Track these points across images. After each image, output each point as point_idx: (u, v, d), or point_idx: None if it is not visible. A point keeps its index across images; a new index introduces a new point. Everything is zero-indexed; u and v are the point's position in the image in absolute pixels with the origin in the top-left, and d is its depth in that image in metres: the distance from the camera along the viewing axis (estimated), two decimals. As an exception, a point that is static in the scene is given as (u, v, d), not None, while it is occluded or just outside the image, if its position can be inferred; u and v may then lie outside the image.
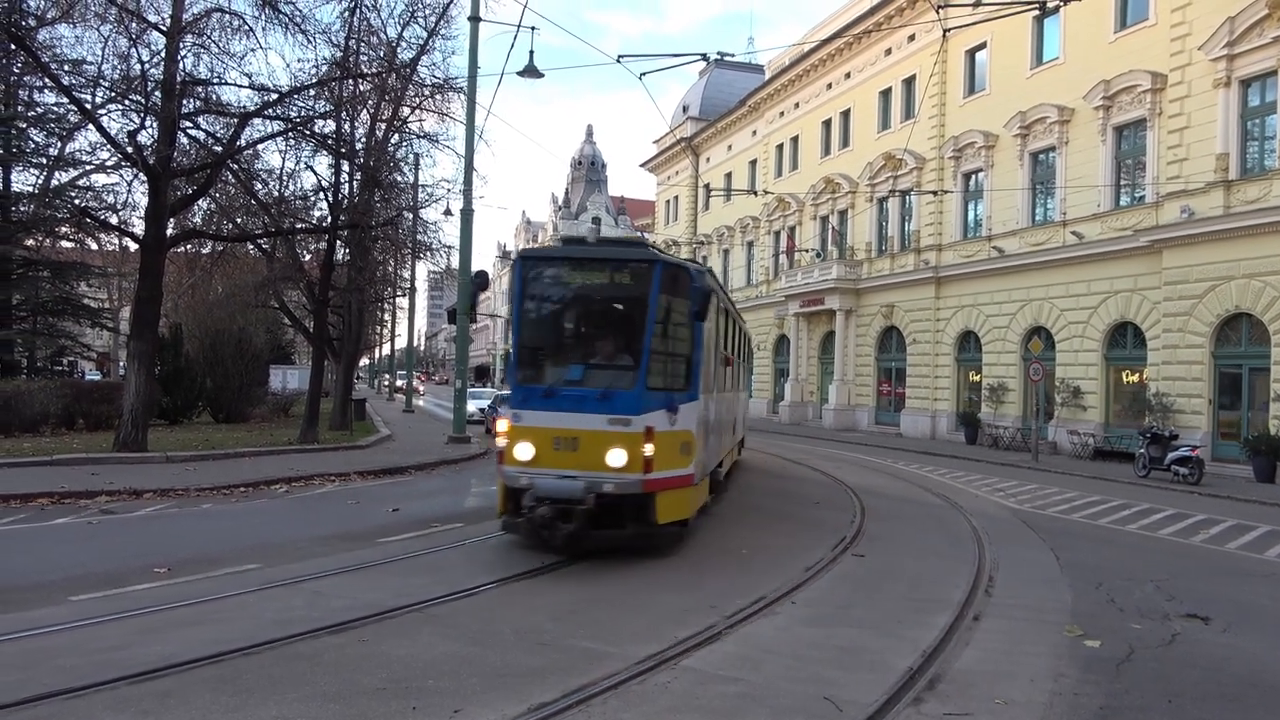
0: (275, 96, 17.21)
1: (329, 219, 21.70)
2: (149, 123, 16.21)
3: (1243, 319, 20.70)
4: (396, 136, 23.31)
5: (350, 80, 19.29)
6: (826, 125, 39.09)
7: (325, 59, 18.75)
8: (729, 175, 48.54)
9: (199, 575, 7.70)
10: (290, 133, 18.26)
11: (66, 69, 17.49)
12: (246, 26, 16.58)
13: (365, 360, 67.83)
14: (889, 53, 34.47)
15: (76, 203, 24.93)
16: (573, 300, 9.50)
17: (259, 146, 18.98)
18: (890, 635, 6.54)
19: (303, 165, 33.76)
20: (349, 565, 8.25)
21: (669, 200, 58.45)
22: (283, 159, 42.79)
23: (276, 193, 20.89)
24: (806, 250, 39.44)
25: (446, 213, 30.99)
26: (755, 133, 45.96)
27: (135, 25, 15.84)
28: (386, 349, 63.52)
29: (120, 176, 24.73)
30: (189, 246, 24.83)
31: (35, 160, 27.34)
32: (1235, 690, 5.75)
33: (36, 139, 27.27)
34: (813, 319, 39.18)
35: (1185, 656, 6.40)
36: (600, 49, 72.77)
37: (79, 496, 11.92)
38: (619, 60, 15.42)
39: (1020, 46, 27.68)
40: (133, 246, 23.22)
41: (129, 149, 16.14)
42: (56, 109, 24.68)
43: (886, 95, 34.76)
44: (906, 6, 32.02)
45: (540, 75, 17.50)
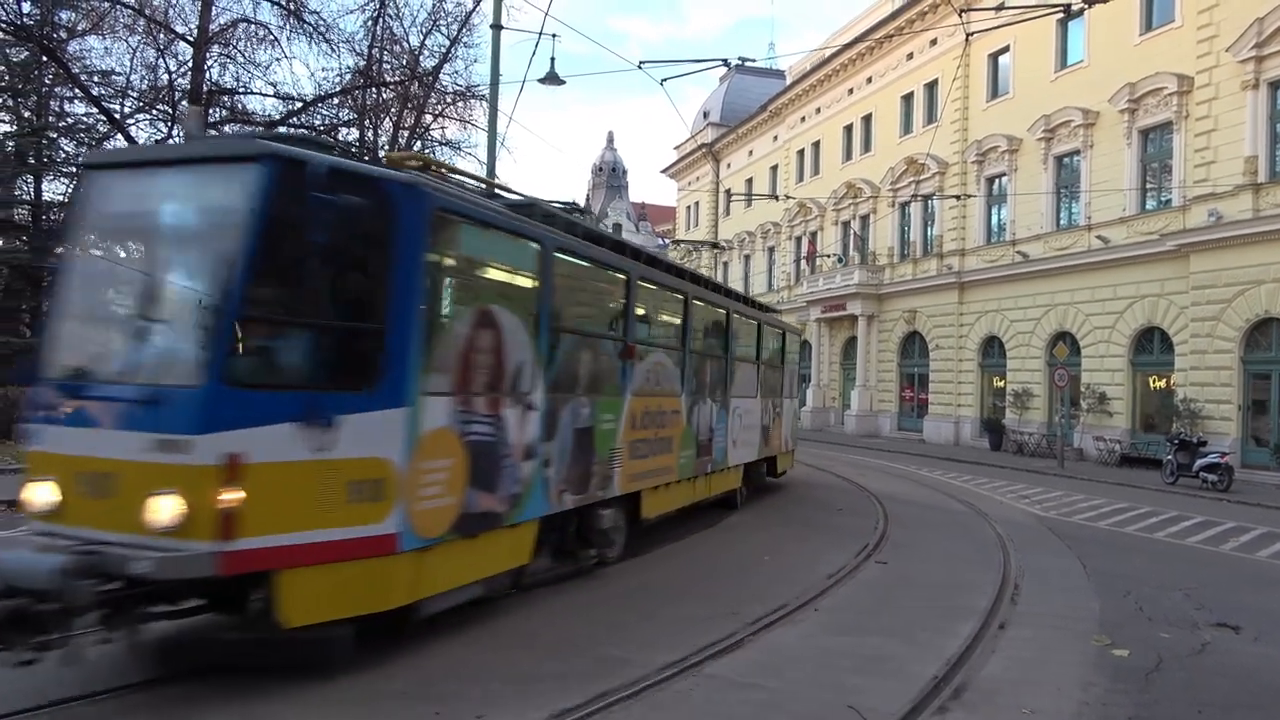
0: (300, 105, 17.41)
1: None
2: (176, 132, 16.43)
3: (1273, 324, 20.38)
4: (419, 144, 23.48)
5: (373, 89, 19.44)
6: (848, 130, 38.96)
7: (349, 68, 18.95)
8: (750, 180, 48.47)
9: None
10: (314, 140, 18.41)
11: (96, 80, 17.80)
12: (272, 36, 16.81)
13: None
14: (911, 57, 34.32)
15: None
16: (138, 234, 5.68)
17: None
18: (914, 643, 6.49)
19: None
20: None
21: (690, 206, 58.43)
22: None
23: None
24: (828, 255, 39.28)
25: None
26: (776, 138, 45.88)
27: (163, 36, 16.11)
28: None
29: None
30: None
31: (66, 169, 27.80)
32: (1267, 700, 5.67)
33: (67, 148, 27.69)
34: (834, 324, 39.00)
35: (1215, 666, 6.30)
36: (621, 55, 73.31)
37: None
38: (640, 66, 15.44)
39: (1044, 50, 27.46)
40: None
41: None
42: (86, 119, 25.05)
43: (908, 99, 34.60)
44: (929, 10, 31.87)
45: (561, 82, 17.52)
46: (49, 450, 5.02)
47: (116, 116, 16.63)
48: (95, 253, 5.80)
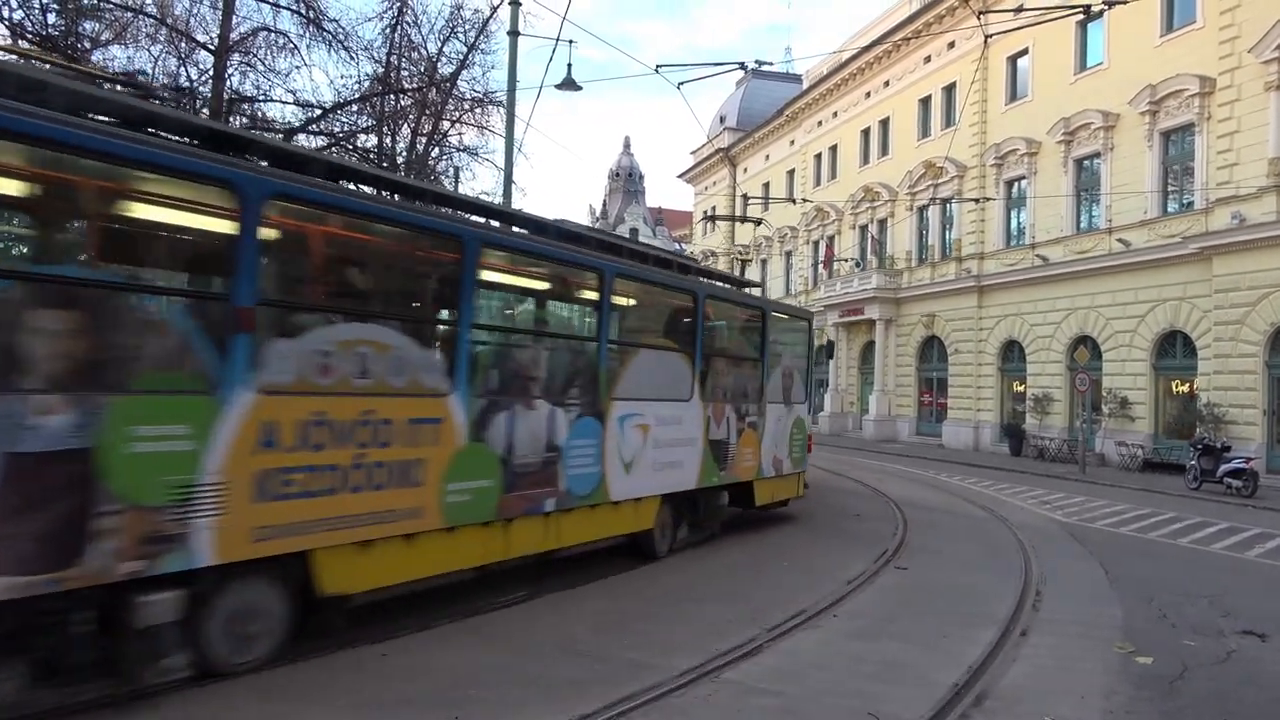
0: (319, 112, 17.51)
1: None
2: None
3: (1298, 327, 20.15)
4: (437, 150, 23.58)
5: (391, 95, 19.54)
6: (865, 134, 38.85)
7: (367, 75, 19.02)
8: (767, 185, 48.41)
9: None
10: (333, 148, 18.56)
11: (119, 89, 17.95)
12: (291, 45, 16.87)
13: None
14: (928, 60, 34.20)
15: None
16: None
17: (303, 162, 19.23)
18: (935, 650, 6.45)
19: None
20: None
21: (706, 210, 58.42)
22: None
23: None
24: (845, 260, 39.18)
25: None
26: (793, 142, 45.81)
27: (184, 45, 16.23)
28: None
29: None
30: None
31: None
32: (1295, 710, 5.59)
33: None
34: (852, 329, 38.87)
35: (1241, 674, 6.23)
36: (638, 59, 73.47)
37: None
38: (657, 70, 15.46)
39: (1063, 52, 27.28)
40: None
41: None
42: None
43: (926, 103, 34.47)
44: (946, 14, 31.75)
45: (578, 88, 17.55)
46: None
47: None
48: None
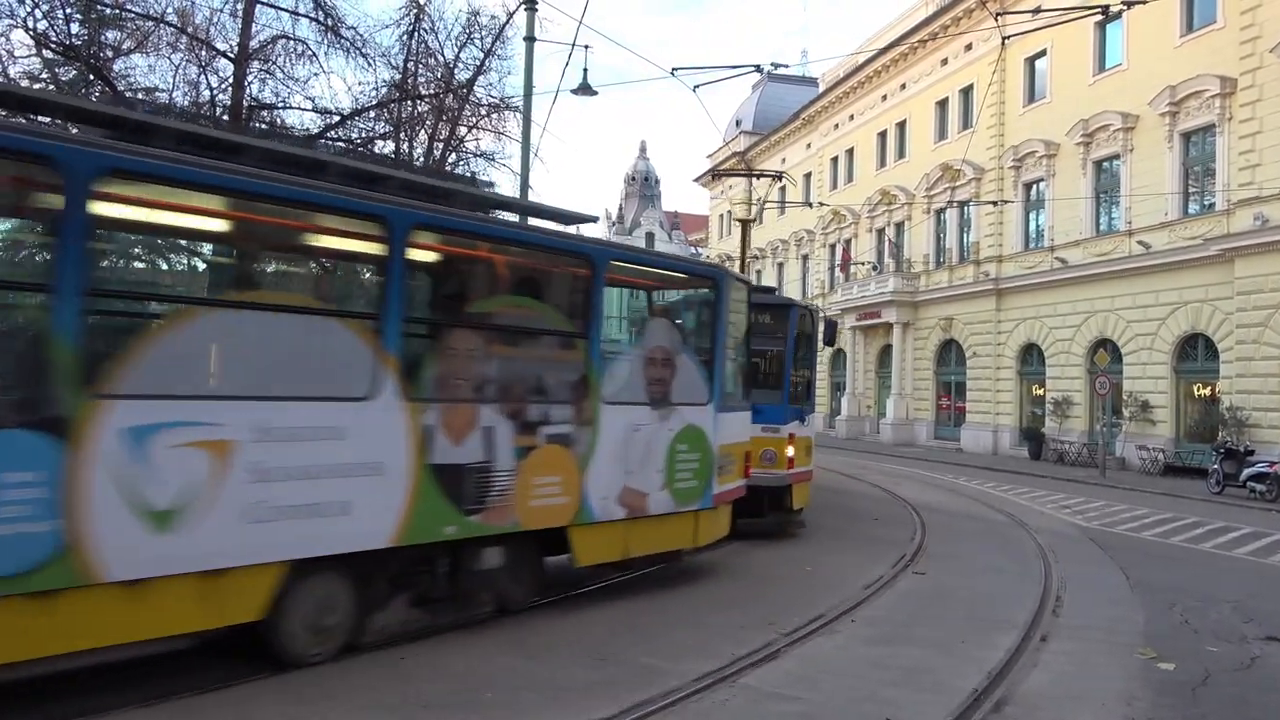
0: (337, 119, 17.62)
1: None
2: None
3: (1322, 329, 19.91)
4: (454, 156, 23.67)
5: (409, 101, 19.64)
6: (882, 137, 38.73)
7: (385, 81, 19.12)
8: (783, 188, 48.28)
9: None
10: (351, 153, 18.67)
11: (141, 96, 18.14)
12: (310, 52, 16.96)
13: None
14: (945, 63, 34.05)
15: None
16: None
17: (321, 168, 19.36)
18: (954, 655, 6.41)
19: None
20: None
21: (723, 214, 58.35)
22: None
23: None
24: (862, 263, 39.05)
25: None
26: (809, 146, 45.72)
27: (205, 54, 16.37)
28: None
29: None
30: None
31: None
32: (1321, 717, 5.52)
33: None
34: (869, 332, 38.73)
35: (1265, 680, 6.16)
36: (654, 62, 73.60)
37: None
38: (673, 73, 15.48)
39: (1081, 53, 27.10)
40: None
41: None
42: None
43: (943, 105, 34.32)
44: (964, 16, 31.61)
45: (594, 93, 17.60)
46: None
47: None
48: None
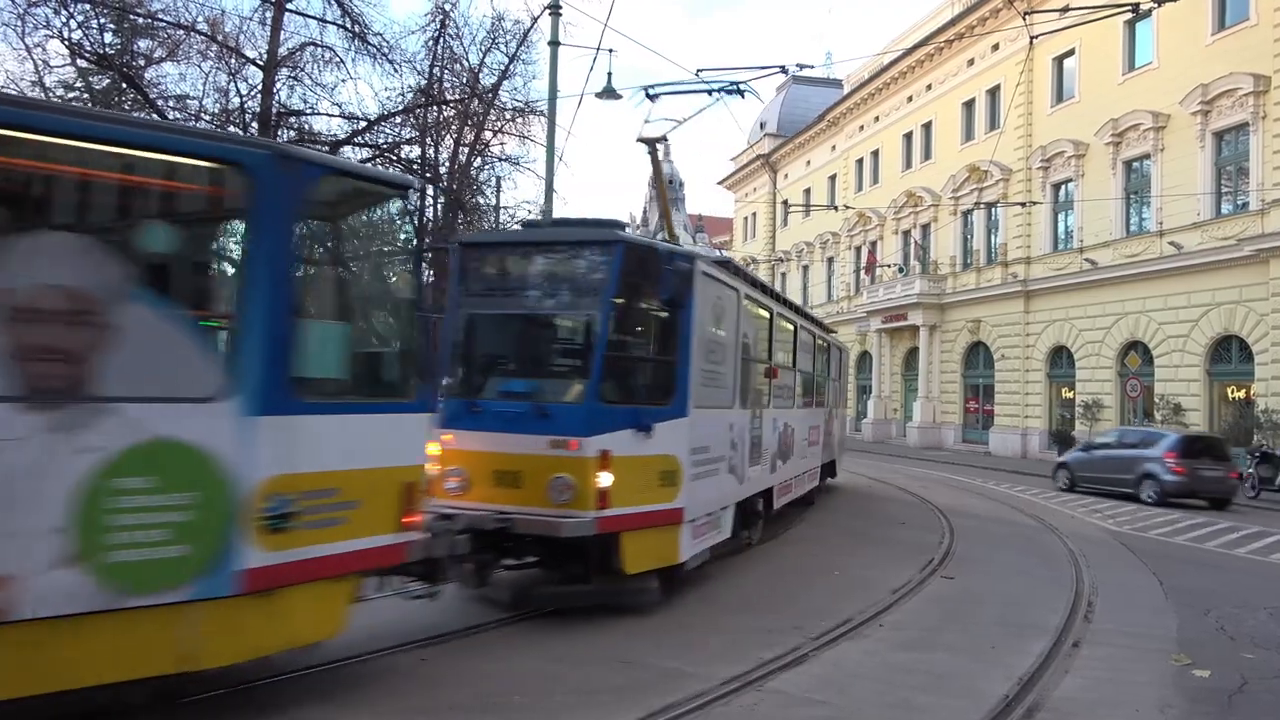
0: (364, 125, 17.80)
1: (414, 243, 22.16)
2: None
3: (1360, 331, 19.55)
4: (479, 160, 23.82)
5: (435, 107, 19.80)
6: (907, 138, 38.50)
7: (411, 87, 19.31)
8: (808, 191, 48.13)
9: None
10: (378, 159, 18.84)
11: (172, 104, 18.41)
12: (337, 58, 17.18)
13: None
14: (972, 63, 33.80)
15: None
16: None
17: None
18: (983, 661, 6.34)
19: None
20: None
21: (747, 217, 58.27)
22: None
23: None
24: (888, 265, 38.81)
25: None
26: (834, 147, 45.53)
27: (234, 61, 16.62)
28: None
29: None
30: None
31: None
32: (1362, 727, 5.41)
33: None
34: (895, 335, 38.49)
35: (1304, 689, 6.04)
36: (679, 64, 73.66)
37: None
38: (698, 74, 15.42)
39: (1111, 52, 26.80)
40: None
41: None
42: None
43: (970, 106, 34.06)
44: (990, 16, 31.36)
45: (618, 97, 17.62)
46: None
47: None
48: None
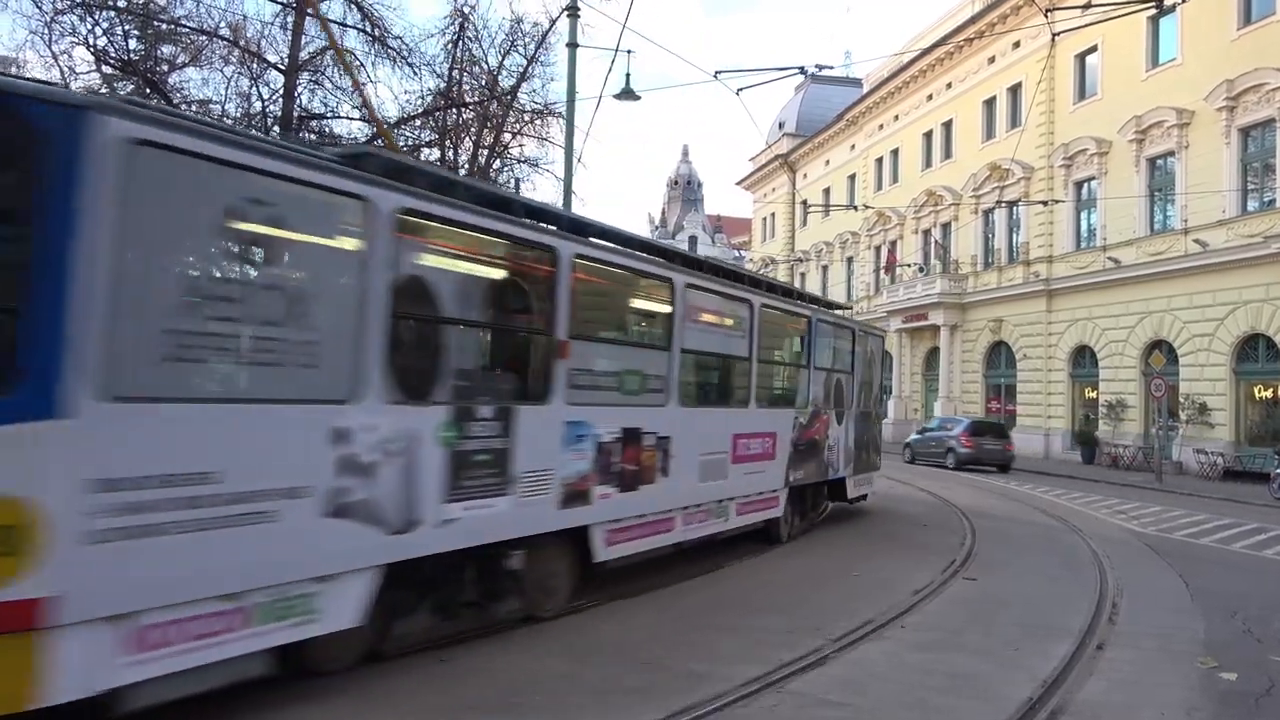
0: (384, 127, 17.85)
1: None
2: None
3: (1391, 329, 19.25)
4: (498, 162, 23.87)
5: (454, 109, 19.85)
6: (927, 137, 38.28)
7: (430, 89, 19.36)
8: (827, 190, 47.98)
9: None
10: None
11: (195, 108, 18.59)
12: (358, 62, 17.28)
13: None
14: (992, 61, 33.56)
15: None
16: None
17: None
18: (1006, 663, 6.28)
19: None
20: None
21: (765, 217, 58.14)
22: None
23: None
24: (908, 265, 38.60)
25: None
26: (853, 147, 45.35)
27: (256, 66, 16.74)
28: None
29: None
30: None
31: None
32: (1394, 732, 5.31)
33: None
34: (915, 335, 38.27)
35: (1335, 693, 5.94)
36: (697, 65, 73.41)
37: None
38: (716, 76, 15.41)
39: (1134, 48, 26.54)
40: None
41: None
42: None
43: (990, 104, 33.83)
44: (1011, 13, 31.14)
45: (637, 98, 17.62)
46: None
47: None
48: None
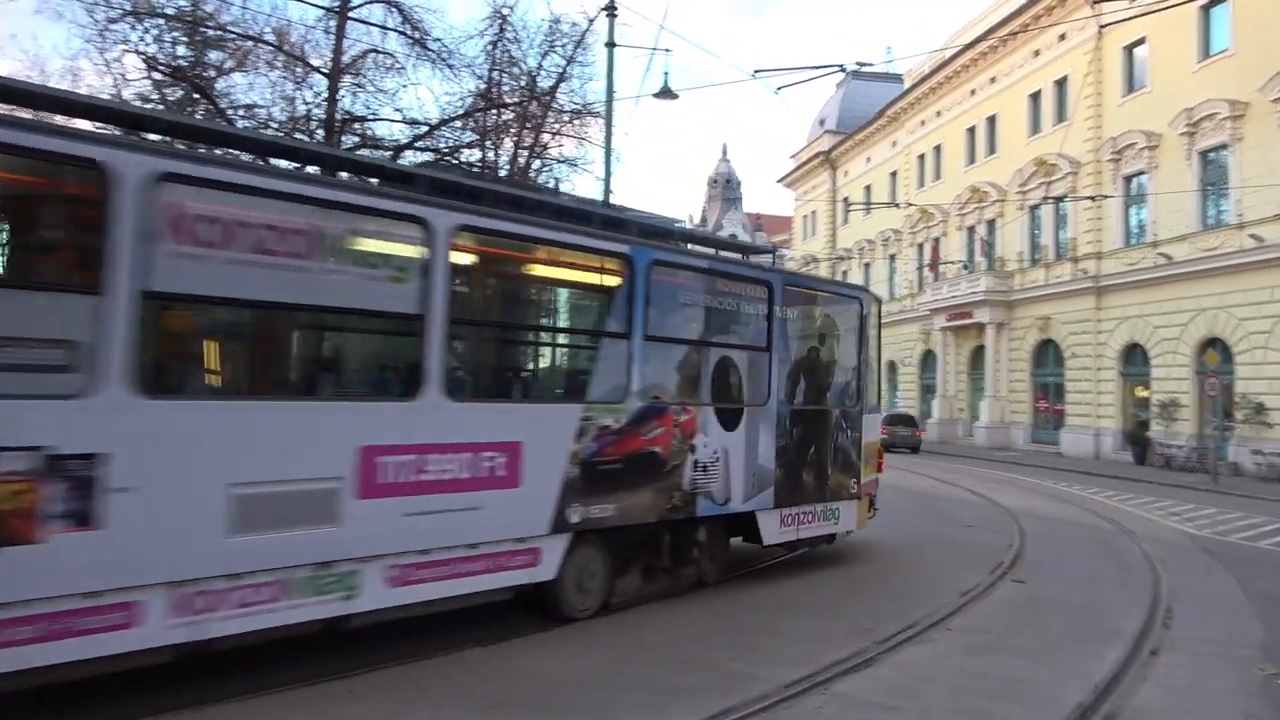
0: (425, 129, 18.04)
1: None
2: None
3: None
4: (537, 162, 23.94)
5: (494, 110, 19.96)
6: (971, 133, 37.70)
7: (470, 91, 19.49)
8: (868, 188, 47.49)
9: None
10: (439, 163, 19.06)
11: (240, 113, 18.90)
12: (399, 65, 17.45)
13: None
14: (1037, 54, 32.97)
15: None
16: None
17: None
18: (1057, 667, 6.15)
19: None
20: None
21: (806, 215, 57.72)
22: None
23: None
24: (952, 262, 38.05)
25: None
26: (895, 144, 44.83)
27: (300, 70, 16.99)
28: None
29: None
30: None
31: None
32: None
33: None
34: (960, 333, 37.71)
35: (1405, 702, 5.73)
36: (735, 64, 73.25)
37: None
38: (755, 75, 15.30)
39: (1184, 39, 25.88)
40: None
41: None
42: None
43: (1036, 98, 33.21)
44: (1057, 5, 30.55)
45: (675, 97, 17.57)
46: None
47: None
48: None
